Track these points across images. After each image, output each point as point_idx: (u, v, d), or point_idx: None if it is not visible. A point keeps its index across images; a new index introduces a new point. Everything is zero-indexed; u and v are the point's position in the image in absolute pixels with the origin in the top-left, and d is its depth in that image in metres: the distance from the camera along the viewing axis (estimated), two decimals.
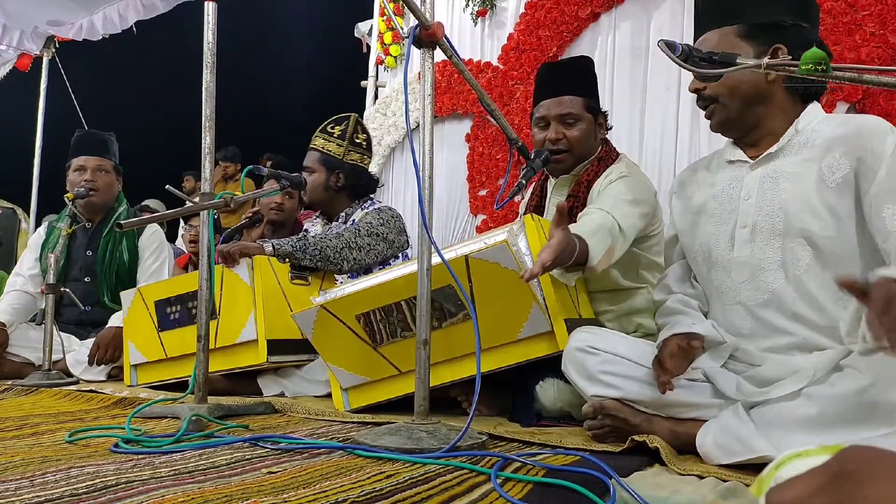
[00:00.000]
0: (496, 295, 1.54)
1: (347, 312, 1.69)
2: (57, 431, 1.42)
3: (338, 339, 1.73)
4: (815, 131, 1.29)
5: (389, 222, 2.35)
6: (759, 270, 1.29)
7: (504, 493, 0.93)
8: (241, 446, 1.28)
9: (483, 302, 1.54)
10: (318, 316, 1.72)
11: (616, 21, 3.74)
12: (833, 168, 1.23)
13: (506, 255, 1.51)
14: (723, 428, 1.19)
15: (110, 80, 7.74)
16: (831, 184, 1.23)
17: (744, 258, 1.32)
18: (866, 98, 2.74)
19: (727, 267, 1.35)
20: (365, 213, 2.39)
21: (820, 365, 1.15)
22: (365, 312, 1.67)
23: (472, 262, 1.54)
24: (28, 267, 2.81)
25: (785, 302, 1.26)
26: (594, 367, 1.34)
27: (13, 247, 5.63)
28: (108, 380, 2.50)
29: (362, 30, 5.76)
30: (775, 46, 1.30)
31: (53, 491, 0.90)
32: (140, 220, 1.84)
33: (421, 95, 1.40)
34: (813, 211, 1.23)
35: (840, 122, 1.28)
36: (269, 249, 2.13)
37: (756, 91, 1.31)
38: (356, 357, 1.73)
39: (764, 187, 1.31)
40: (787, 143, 1.31)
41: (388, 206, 2.46)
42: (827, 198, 1.23)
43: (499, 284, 1.52)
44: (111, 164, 2.85)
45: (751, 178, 1.34)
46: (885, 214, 1.16)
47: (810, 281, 1.24)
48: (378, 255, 2.31)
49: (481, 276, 1.54)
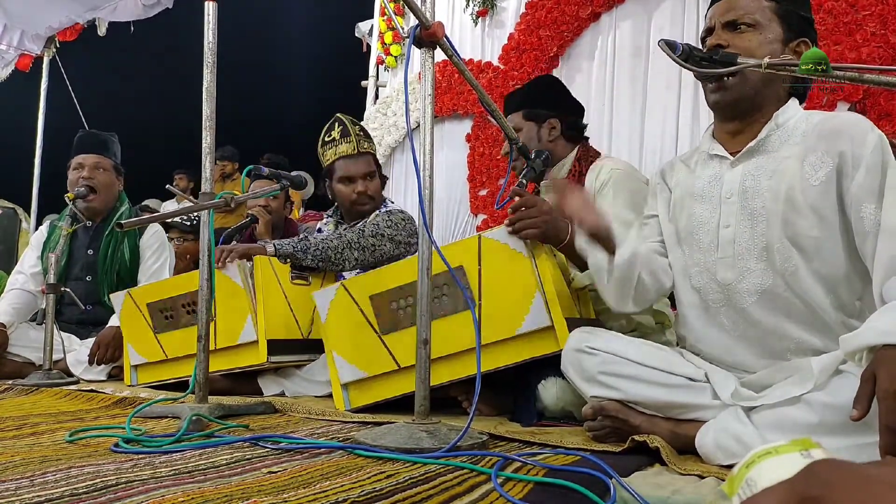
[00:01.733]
0: (503, 279, 1.59)
1: (363, 292, 1.75)
2: (57, 431, 1.42)
3: (347, 321, 1.77)
4: (795, 127, 1.28)
5: (399, 224, 2.34)
6: (745, 272, 1.28)
7: (504, 493, 0.93)
8: (242, 446, 1.28)
9: (490, 286, 1.59)
10: (336, 294, 1.79)
11: (616, 21, 3.74)
12: (816, 166, 1.22)
13: (515, 237, 1.58)
14: (722, 429, 1.18)
15: (111, 81, 7.74)
16: (815, 182, 1.22)
17: (728, 259, 1.30)
18: (867, 98, 2.74)
19: (712, 269, 1.33)
20: (375, 215, 2.39)
21: (821, 371, 1.13)
22: (378, 293, 1.73)
23: (484, 241, 1.62)
24: (30, 265, 2.82)
25: (777, 301, 1.25)
26: (593, 367, 1.33)
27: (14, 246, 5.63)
28: (109, 379, 2.50)
29: (363, 29, 5.76)
30: (802, 39, 1.30)
31: (53, 490, 0.90)
32: (140, 220, 1.84)
33: (421, 95, 1.40)
34: (797, 210, 1.22)
35: (821, 120, 1.27)
36: (271, 250, 2.13)
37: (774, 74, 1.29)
38: (361, 345, 1.75)
39: (745, 186, 1.29)
40: (766, 138, 1.29)
41: (400, 209, 2.45)
42: (811, 197, 1.21)
43: (506, 267, 1.59)
44: (110, 162, 2.85)
45: (731, 177, 1.32)
46: (863, 214, 1.16)
47: (801, 280, 1.22)
48: (383, 255, 2.29)
49: (491, 258, 1.61)
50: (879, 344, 0.95)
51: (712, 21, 1.35)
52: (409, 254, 2.37)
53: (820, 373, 1.12)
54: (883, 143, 1.20)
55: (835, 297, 1.22)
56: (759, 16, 1.30)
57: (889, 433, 0.91)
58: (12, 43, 5.51)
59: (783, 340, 1.25)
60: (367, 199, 2.43)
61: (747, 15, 1.30)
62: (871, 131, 1.20)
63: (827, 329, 1.22)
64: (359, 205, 2.43)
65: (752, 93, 1.30)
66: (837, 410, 1.05)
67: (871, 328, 1.00)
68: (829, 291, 1.22)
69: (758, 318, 1.27)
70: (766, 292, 1.26)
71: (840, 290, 1.22)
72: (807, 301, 1.23)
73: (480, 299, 1.61)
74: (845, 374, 1.09)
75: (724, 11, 1.33)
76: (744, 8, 1.30)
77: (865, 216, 1.16)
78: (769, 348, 1.27)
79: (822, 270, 1.22)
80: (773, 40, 1.29)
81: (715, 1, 1.37)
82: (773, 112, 1.31)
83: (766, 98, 1.31)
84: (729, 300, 1.31)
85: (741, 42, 1.29)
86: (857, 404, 0.95)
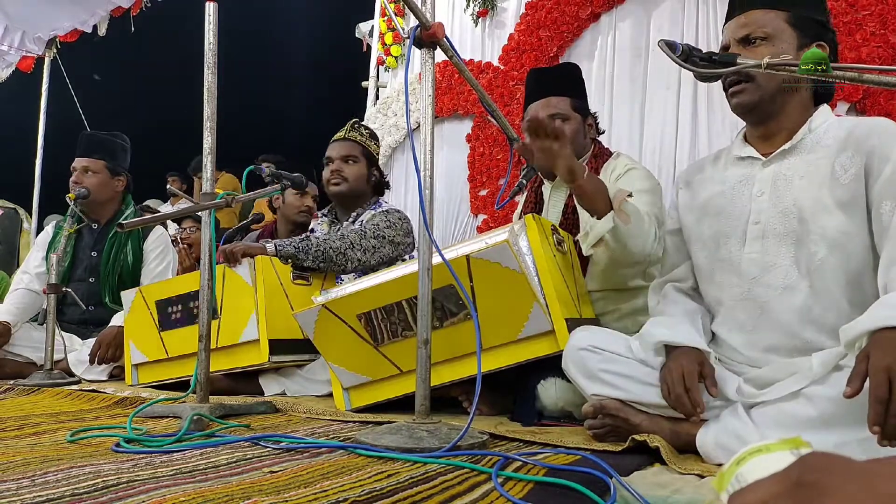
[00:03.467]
0: (497, 294, 1.54)
1: (349, 312, 1.70)
2: (58, 431, 1.42)
3: (339, 338, 1.73)
4: (827, 132, 1.30)
5: (396, 224, 2.34)
6: (771, 267, 1.29)
7: (505, 493, 0.93)
8: (243, 446, 1.28)
9: (484, 301, 1.54)
10: (319, 315, 1.73)
11: (616, 21, 3.74)
12: (846, 166, 1.24)
13: (507, 255, 1.51)
14: (723, 427, 1.19)
15: (112, 81, 7.75)
16: (844, 181, 1.23)
17: (755, 255, 1.31)
18: (867, 98, 2.74)
19: (736, 263, 1.34)
20: (373, 215, 2.39)
21: (820, 365, 1.14)
22: (366, 312, 1.68)
23: (473, 261, 1.54)
24: (35, 265, 2.83)
25: (797, 299, 1.26)
26: (595, 366, 1.34)
27: (15, 247, 5.63)
28: (110, 379, 2.51)
29: (363, 30, 5.76)
30: (819, 43, 1.31)
31: (54, 490, 0.90)
32: (141, 221, 1.85)
33: (422, 96, 1.40)
34: (827, 208, 1.24)
35: (852, 124, 1.29)
36: (272, 250, 2.13)
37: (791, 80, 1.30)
38: (358, 356, 1.73)
39: (777, 185, 1.31)
40: (800, 141, 1.31)
41: (396, 209, 2.45)
42: (840, 195, 1.23)
43: (500, 284, 1.53)
44: (102, 164, 2.82)
45: (763, 176, 1.34)
46: (882, 210, 1.18)
47: (825, 277, 1.24)
48: (383, 257, 2.30)
49: (482, 275, 1.54)
50: (877, 328, 1.00)
51: (728, 39, 1.37)
52: (405, 254, 2.38)
53: (820, 367, 1.13)
54: None
55: (855, 297, 1.23)
56: (772, 28, 1.31)
57: (877, 403, 0.95)
58: (13, 44, 5.52)
59: (794, 339, 1.26)
60: (340, 178, 2.44)
61: (760, 29, 1.32)
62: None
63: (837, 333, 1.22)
64: (331, 184, 2.45)
65: (768, 98, 1.32)
66: (836, 404, 1.06)
67: (869, 315, 1.05)
68: (850, 292, 1.23)
69: (776, 315, 1.28)
70: (790, 288, 1.27)
71: (861, 291, 1.23)
72: (827, 300, 1.24)
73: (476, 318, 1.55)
74: (845, 370, 1.09)
75: (738, 28, 1.35)
76: (756, 22, 1.32)
77: (883, 213, 1.18)
78: (780, 347, 1.27)
79: (845, 270, 1.23)
80: (787, 49, 1.31)
81: (730, 18, 1.38)
82: (799, 116, 1.33)
83: (786, 103, 1.33)
84: (750, 294, 1.31)
85: (754, 56, 1.30)
86: (850, 382, 0.98)
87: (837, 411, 1.06)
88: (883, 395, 0.94)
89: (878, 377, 0.95)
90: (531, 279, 1.54)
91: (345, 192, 2.45)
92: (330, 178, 2.45)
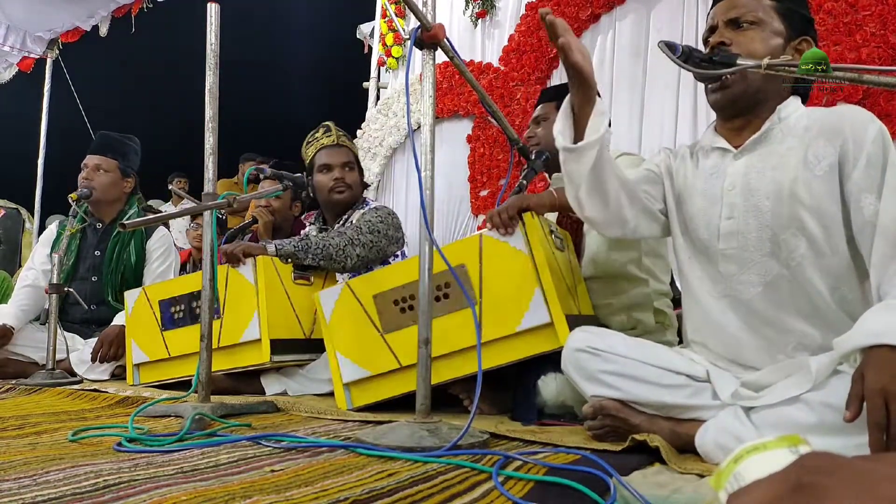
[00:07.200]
0: (503, 277, 1.61)
1: (367, 292, 1.78)
2: (59, 430, 1.42)
3: (351, 322, 1.79)
4: (797, 121, 1.29)
5: (387, 219, 2.36)
6: (749, 263, 1.28)
7: (505, 492, 0.93)
8: (244, 445, 1.28)
9: (490, 283, 1.61)
10: (341, 294, 1.82)
11: (616, 21, 3.74)
12: (819, 156, 1.23)
13: (517, 235, 1.60)
14: (722, 428, 1.18)
15: (113, 81, 7.76)
16: (818, 172, 1.22)
17: (731, 251, 1.30)
18: (866, 98, 2.74)
19: (713, 258, 1.33)
20: (363, 213, 2.40)
21: (819, 371, 1.13)
22: (381, 292, 1.75)
23: (485, 240, 1.64)
24: (41, 262, 2.84)
25: (780, 293, 1.25)
26: (594, 367, 1.33)
27: (17, 247, 5.64)
28: (112, 379, 2.52)
29: (364, 31, 5.76)
30: (804, 38, 1.30)
31: (55, 490, 0.90)
32: (143, 221, 1.85)
33: (422, 96, 1.40)
34: (801, 200, 1.23)
35: (822, 113, 1.28)
36: (272, 250, 2.14)
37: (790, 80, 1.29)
38: (364, 344, 1.77)
39: (749, 178, 1.30)
40: (768, 130, 1.30)
41: (382, 205, 2.49)
42: (814, 188, 1.22)
43: (507, 265, 1.61)
44: (114, 164, 2.85)
45: (734, 169, 1.32)
46: (862, 205, 1.17)
47: (805, 270, 1.23)
48: (380, 251, 2.32)
49: (492, 254, 1.63)
50: (869, 345, 0.98)
51: (715, 20, 1.36)
52: (398, 248, 2.41)
53: (818, 373, 1.12)
54: (884, 134, 1.20)
55: (837, 289, 1.23)
56: (762, 13, 1.30)
57: (876, 429, 0.93)
58: (15, 44, 5.53)
59: (785, 335, 1.26)
60: (345, 186, 2.45)
61: (750, 13, 1.31)
62: (872, 122, 1.21)
63: (828, 324, 1.22)
64: (336, 192, 2.45)
65: (754, 89, 1.30)
66: (835, 410, 1.05)
67: (860, 331, 1.03)
68: (831, 284, 1.23)
69: (761, 311, 1.27)
70: (770, 284, 1.26)
71: (842, 282, 1.23)
72: (810, 294, 1.23)
73: (481, 297, 1.62)
74: (843, 375, 1.09)
75: (727, 10, 1.33)
76: (746, 6, 1.31)
77: (864, 207, 1.17)
78: (771, 343, 1.27)
79: (825, 262, 1.23)
80: (776, 38, 1.30)
81: (717, 1, 1.38)
82: (775, 107, 1.32)
83: (768, 94, 1.32)
84: (731, 291, 1.31)
85: (744, 39, 1.30)
86: (849, 405, 0.97)
87: (837, 419, 1.04)
88: (880, 420, 0.92)
89: (874, 401, 0.93)
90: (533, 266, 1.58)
91: (349, 199, 2.48)
92: (334, 187, 2.44)
